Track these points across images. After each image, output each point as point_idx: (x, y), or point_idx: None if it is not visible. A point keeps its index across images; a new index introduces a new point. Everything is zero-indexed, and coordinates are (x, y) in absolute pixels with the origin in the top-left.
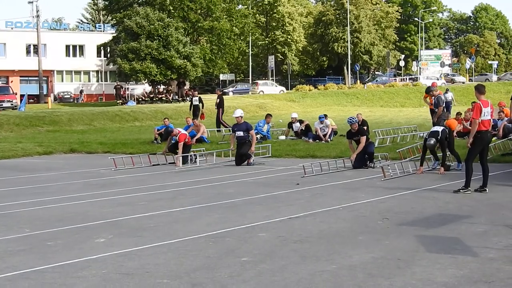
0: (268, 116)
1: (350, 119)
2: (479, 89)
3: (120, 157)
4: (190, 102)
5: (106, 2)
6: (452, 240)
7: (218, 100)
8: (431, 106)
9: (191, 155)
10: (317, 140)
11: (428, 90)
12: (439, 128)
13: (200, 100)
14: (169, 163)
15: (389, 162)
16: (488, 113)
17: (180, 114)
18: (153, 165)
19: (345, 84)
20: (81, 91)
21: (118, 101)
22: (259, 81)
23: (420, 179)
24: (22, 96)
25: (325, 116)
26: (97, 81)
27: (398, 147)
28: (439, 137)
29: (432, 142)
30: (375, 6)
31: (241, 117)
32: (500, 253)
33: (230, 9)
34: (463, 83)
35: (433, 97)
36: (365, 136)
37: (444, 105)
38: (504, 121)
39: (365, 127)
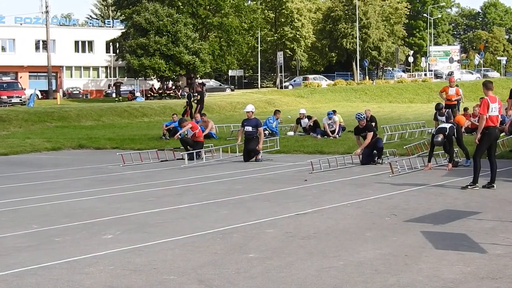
0: (277, 112)
1: (358, 115)
2: (487, 85)
3: (129, 153)
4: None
5: None
6: (459, 237)
7: (199, 96)
8: (447, 102)
9: (198, 151)
10: (325, 136)
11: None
12: (447, 125)
13: (189, 97)
14: (177, 159)
15: (397, 158)
16: (496, 108)
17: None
18: (162, 161)
19: (353, 80)
20: (110, 85)
21: (118, 98)
22: (310, 76)
23: (428, 175)
24: None
25: (334, 112)
26: (106, 77)
27: (406, 143)
28: (446, 133)
29: (439, 139)
30: (383, 2)
31: (252, 112)
32: (508, 250)
33: (238, 4)
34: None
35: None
36: (372, 132)
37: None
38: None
39: (374, 123)
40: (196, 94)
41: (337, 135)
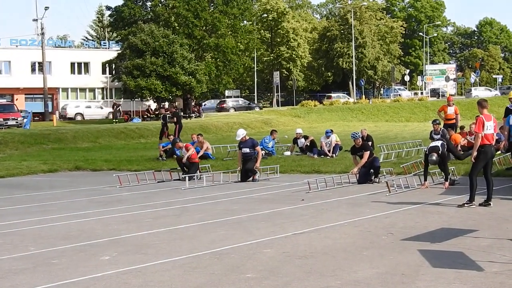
0: (273, 132)
1: (354, 135)
2: (481, 104)
3: (125, 174)
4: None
5: (111, 19)
6: (456, 255)
7: (175, 118)
8: (446, 121)
9: (194, 173)
10: (322, 156)
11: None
12: (438, 143)
13: (164, 118)
14: (174, 179)
15: (394, 177)
16: (491, 127)
17: (185, 131)
18: (158, 182)
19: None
20: (116, 105)
21: (115, 120)
22: (333, 94)
23: (424, 194)
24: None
25: (331, 131)
26: (103, 98)
27: (403, 162)
28: (440, 152)
29: (434, 157)
30: (379, 21)
31: (245, 136)
32: (504, 267)
33: (235, 25)
34: None
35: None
36: (368, 151)
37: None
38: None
39: (370, 142)
40: (171, 115)
41: (334, 155)
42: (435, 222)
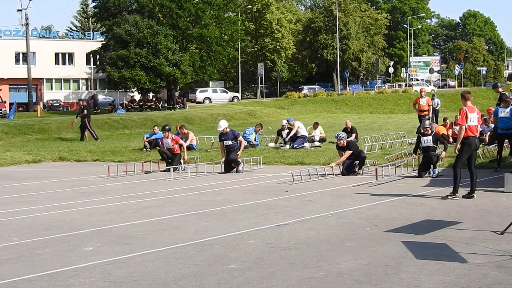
0: (258, 125)
1: (337, 136)
2: (464, 96)
3: (115, 165)
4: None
5: (95, 10)
6: (439, 246)
7: (86, 110)
8: (420, 113)
9: (178, 163)
10: (297, 145)
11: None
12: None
13: (81, 110)
14: (161, 170)
15: (378, 167)
16: (474, 118)
17: (169, 122)
18: (145, 172)
19: (334, 91)
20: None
21: (96, 110)
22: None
23: (408, 186)
24: (11, 104)
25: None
26: (87, 89)
27: (387, 153)
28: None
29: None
30: (364, 13)
31: (226, 128)
32: (487, 259)
33: (219, 16)
34: None
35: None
36: (351, 151)
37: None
38: (491, 129)
39: (354, 134)
40: (82, 108)
41: (295, 145)
42: (419, 213)
